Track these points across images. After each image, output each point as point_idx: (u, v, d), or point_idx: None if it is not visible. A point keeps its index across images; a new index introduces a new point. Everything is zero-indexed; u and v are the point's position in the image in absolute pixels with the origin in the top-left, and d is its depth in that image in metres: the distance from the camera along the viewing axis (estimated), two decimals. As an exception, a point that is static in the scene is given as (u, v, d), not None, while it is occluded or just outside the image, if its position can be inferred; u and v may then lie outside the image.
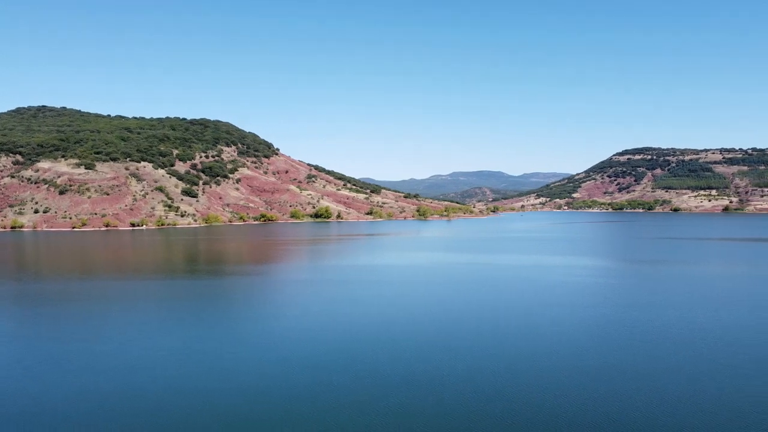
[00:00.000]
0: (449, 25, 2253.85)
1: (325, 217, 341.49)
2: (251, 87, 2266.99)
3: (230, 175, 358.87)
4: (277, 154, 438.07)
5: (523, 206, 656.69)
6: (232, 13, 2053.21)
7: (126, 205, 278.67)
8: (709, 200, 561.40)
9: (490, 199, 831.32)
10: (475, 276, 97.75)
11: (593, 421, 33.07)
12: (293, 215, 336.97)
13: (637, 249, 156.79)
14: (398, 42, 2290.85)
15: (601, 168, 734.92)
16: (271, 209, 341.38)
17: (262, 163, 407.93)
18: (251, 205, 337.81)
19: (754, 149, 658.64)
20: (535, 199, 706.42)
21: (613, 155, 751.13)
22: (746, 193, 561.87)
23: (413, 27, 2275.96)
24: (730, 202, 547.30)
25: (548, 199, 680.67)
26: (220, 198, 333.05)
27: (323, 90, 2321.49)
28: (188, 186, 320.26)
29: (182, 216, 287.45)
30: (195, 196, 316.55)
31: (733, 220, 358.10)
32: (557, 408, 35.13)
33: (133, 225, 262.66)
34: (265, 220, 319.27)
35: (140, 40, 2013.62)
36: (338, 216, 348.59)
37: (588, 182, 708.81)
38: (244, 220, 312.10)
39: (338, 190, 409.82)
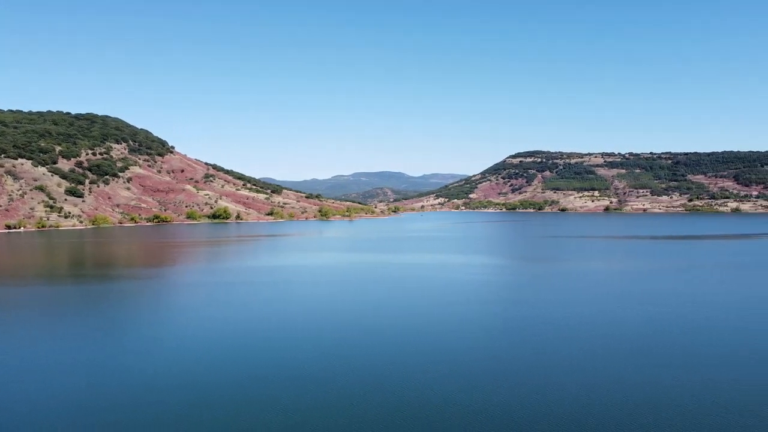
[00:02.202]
0: (350, 25, 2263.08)
1: (223, 218, 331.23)
2: (143, 82, 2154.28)
3: (120, 174, 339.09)
4: (172, 152, 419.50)
5: (423, 206, 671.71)
6: (123, 5, 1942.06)
7: (0, 206, 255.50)
8: (593, 201, 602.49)
9: (392, 200, 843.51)
10: (377, 275, 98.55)
11: (483, 411, 34.12)
12: (189, 216, 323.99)
13: (529, 247, 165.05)
14: (299, 40, 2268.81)
15: (495, 170, 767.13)
16: (165, 210, 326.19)
17: (155, 162, 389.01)
18: (144, 205, 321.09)
19: (631, 153, 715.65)
20: (435, 199, 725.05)
21: (507, 158, 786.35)
22: (624, 194, 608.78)
23: (314, 26, 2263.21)
24: (611, 202, 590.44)
25: (447, 200, 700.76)
26: (109, 198, 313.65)
27: (222, 88, 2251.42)
28: (73, 185, 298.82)
29: (66, 217, 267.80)
30: (81, 195, 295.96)
31: (612, 219, 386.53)
32: (445, 402, 35.93)
33: (9, 227, 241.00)
34: (158, 222, 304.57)
35: (19, 28, 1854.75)
36: (237, 217, 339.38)
37: (484, 183, 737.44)
38: (135, 222, 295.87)
39: (237, 190, 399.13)
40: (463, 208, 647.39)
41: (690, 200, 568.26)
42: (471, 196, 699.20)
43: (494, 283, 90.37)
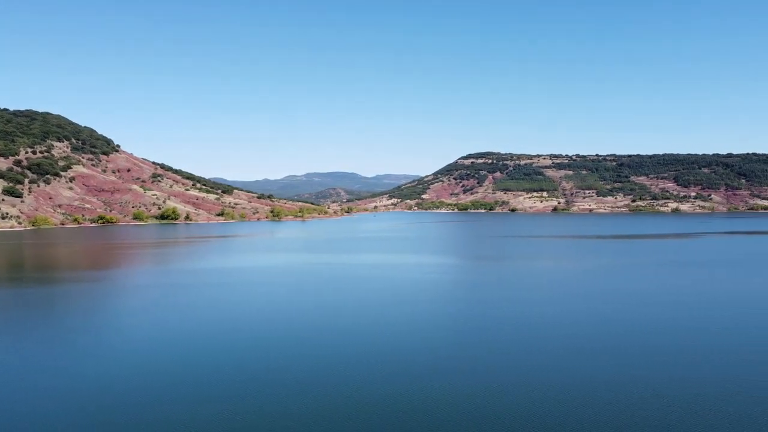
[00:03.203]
0: (301, 24, 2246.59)
1: (172, 219, 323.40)
2: (87, 79, 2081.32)
3: (63, 173, 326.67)
4: (117, 151, 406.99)
5: (376, 207, 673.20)
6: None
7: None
8: (541, 201, 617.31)
9: (345, 200, 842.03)
10: (330, 275, 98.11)
11: (435, 410, 34.40)
12: (136, 217, 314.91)
13: (481, 247, 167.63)
14: (248, 40, 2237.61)
15: (447, 171, 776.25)
16: (111, 210, 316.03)
17: (100, 161, 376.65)
18: (88, 206, 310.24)
19: (577, 155, 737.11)
20: (388, 200, 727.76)
21: (459, 159, 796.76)
22: (571, 194, 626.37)
23: (265, 25, 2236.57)
24: (559, 203, 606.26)
25: (400, 200, 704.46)
26: (50, 198, 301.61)
27: (170, 85, 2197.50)
28: (11, 185, 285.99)
29: (3, 218, 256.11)
30: (20, 195, 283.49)
31: (560, 220, 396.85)
32: (398, 401, 36.09)
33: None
34: (104, 222, 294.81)
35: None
36: (187, 217, 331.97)
37: (436, 184, 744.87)
38: (79, 223, 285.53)
39: (187, 190, 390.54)
40: (416, 208, 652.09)
41: (633, 201, 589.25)
42: (424, 196, 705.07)
43: (447, 282, 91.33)
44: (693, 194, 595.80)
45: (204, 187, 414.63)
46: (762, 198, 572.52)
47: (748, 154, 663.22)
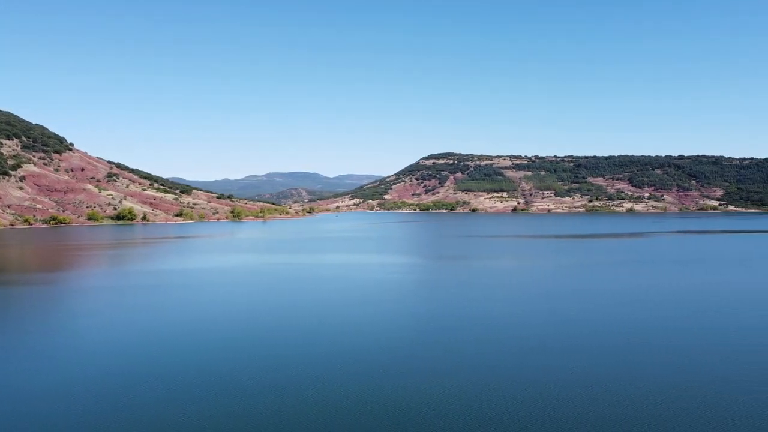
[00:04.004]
0: (261, 23, 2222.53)
1: (128, 219, 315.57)
2: (39, 76, 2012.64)
3: (12, 172, 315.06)
4: (71, 149, 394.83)
5: (338, 207, 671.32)
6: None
7: None
8: (502, 202, 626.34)
9: (306, 200, 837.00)
10: (291, 276, 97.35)
11: (396, 410, 34.49)
12: (91, 217, 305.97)
13: (442, 246, 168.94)
14: (208, 38, 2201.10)
15: (409, 171, 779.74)
16: (64, 211, 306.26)
17: (52, 160, 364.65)
18: (39, 206, 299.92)
19: (536, 156, 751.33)
20: (350, 200, 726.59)
21: (420, 159, 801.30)
22: (530, 195, 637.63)
23: (225, 23, 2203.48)
24: (518, 203, 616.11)
25: (362, 200, 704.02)
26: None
27: (127, 84, 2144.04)
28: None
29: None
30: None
31: (520, 219, 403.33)
32: (358, 401, 36.09)
33: None
34: (56, 223, 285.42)
35: None
36: (144, 218, 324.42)
37: (398, 184, 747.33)
38: (30, 224, 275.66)
39: (144, 190, 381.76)
40: (378, 208, 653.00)
41: (590, 201, 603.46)
42: (386, 196, 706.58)
43: (410, 282, 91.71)
44: (647, 195, 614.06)
45: (162, 186, 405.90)
46: (711, 198, 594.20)
47: (698, 156, 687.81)
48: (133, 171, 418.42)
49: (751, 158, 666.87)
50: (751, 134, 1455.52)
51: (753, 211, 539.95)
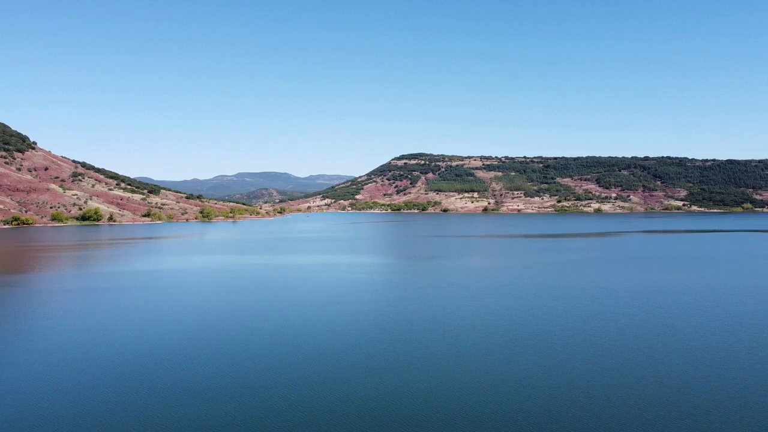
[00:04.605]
0: (235, 22, 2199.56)
1: (94, 220, 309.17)
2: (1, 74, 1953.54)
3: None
4: (34, 148, 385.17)
5: (309, 207, 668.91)
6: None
7: None
8: (472, 202, 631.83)
9: (277, 201, 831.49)
10: (262, 277, 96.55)
11: (366, 409, 34.54)
12: (55, 218, 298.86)
13: (413, 246, 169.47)
14: (178, 37, 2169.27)
15: (381, 171, 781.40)
16: (26, 211, 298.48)
17: (14, 159, 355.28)
18: (0, 206, 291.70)
19: (506, 157, 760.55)
20: (321, 200, 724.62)
21: (392, 159, 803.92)
22: (501, 195, 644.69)
23: (198, 21, 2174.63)
24: (489, 203, 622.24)
25: (333, 201, 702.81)
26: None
27: (92, 81, 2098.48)
28: None
29: None
30: None
31: (490, 219, 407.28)
32: (328, 401, 36.04)
33: None
34: (18, 224, 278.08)
35: None
36: (110, 218, 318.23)
37: (370, 185, 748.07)
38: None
39: (110, 190, 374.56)
40: (350, 208, 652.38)
41: (559, 201, 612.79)
42: (357, 197, 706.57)
43: (379, 281, 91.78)
44: (614, 195, 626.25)
45: (129, 186, 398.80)
46: (675, 199, 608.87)
47: (662, 157, 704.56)
48: (99, 170, 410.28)
49: (714, 160, 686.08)
50: (714, 136, 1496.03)
51: (715, 211, 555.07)
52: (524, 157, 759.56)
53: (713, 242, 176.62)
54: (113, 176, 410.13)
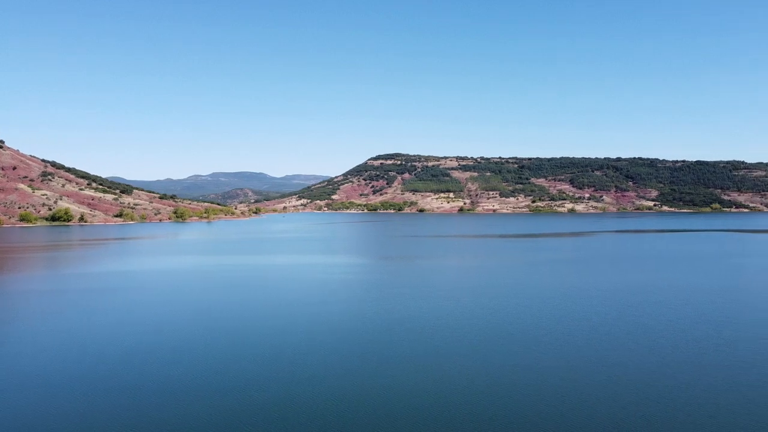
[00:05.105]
0: (208, 21, 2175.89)
1: (64, 220, 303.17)
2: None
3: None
4: (1, 147, 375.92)
5: (285, 207, 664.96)
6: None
7: None
8: (448, 202, 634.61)
9: (253, 201, 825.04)
10: (236, 278, 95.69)
11: (341, 408, 34.51)
12: (24, 218, 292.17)
13: (389, 247, 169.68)
14: (151, 34, 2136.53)
15: (357, 171, 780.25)
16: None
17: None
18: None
19: (482, 158, 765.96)
20: (297, 200, 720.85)
21: (368, 160, 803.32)
22: (476, 195, 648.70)
23: (171, 19, 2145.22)
24: (464, 203, 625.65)
25: (309, 201, 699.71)
26: None
27: (62, 78, 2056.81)
28: None
29: None
30: None
31: (466, 219, 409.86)
32: (304, 401, 35.92)
33: None
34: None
35: None
36: (81, 219, 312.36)
37: (346, 185, 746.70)
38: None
39: (81, 189, 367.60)
40: (326, 209, 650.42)
41: (533, 201, 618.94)
42: (333, 197, 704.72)
43: (355, 282, 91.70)
44: (587, 195, 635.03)
45: (101, 186, 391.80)
46: (647, 199, 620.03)
47: (634, 158, 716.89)
48: (69, 170, 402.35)
49: (684, 161, 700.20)
50: (685, 137, 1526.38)
51: (685, 211, 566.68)
52: (499, 157, 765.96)
53: (683, 242, 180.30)
54: (84, 176, 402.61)
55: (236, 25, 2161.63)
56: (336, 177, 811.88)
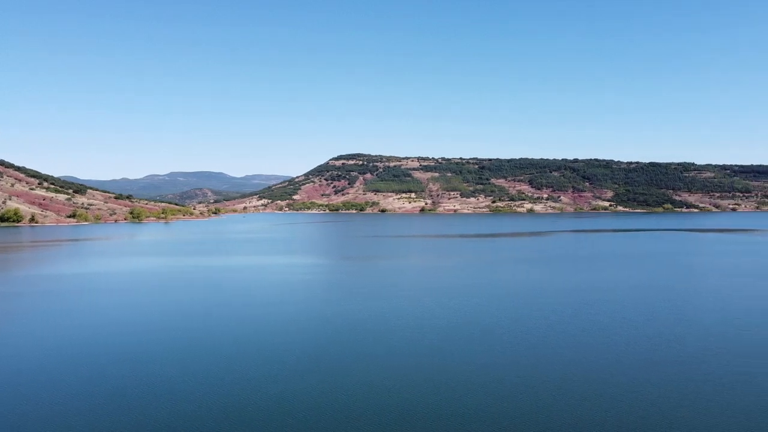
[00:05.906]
0: (169, 21, 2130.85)
1: (14, 221, 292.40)
2: None
3: None
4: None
5: (245, 208, 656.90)
6: None
7: None
8: (410, 202, 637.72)
9: (212, 201, 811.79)
10: (194, 279, 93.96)
11: (302, 408, 34.33)
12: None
13: (350, 247, 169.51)
14: (109, 31, 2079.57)
15: (319, 171, 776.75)
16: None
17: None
18: None
19: (443, 158, 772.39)
20: (258, 200, 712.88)
21: (330, 160, 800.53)
22: (438, 196, 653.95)
23: (127, 18, 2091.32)
24: (426, 204, 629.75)
25: (270, 201, 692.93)
26: None
27: (12, 74, 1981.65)
28: None
29: None
30: None
31: (427, 219, 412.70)
32: (264, 400, 35.62)
33: None
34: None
35: None
36: (32, 219, 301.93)
37: (307, 185, 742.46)
38: None
39: (32, 189, 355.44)
40: (287, 209, 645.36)
41: (493, 202, 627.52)
42: (295, 197, 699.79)
43: (316, 282, 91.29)
44: (545, 196, 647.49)
45: (53, 186, 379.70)
46: (602, 199, 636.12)
47: (590, 159, 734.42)
48: (19, 169, 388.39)
49: (637, 162, 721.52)
50: (639, 138, 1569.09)
51: (639, 211, 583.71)
52: (460, 158, 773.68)
53: (636, 241, 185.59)
54: (35, 175, 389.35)
55: (193, 23, 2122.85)
56: (297, 177, 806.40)
